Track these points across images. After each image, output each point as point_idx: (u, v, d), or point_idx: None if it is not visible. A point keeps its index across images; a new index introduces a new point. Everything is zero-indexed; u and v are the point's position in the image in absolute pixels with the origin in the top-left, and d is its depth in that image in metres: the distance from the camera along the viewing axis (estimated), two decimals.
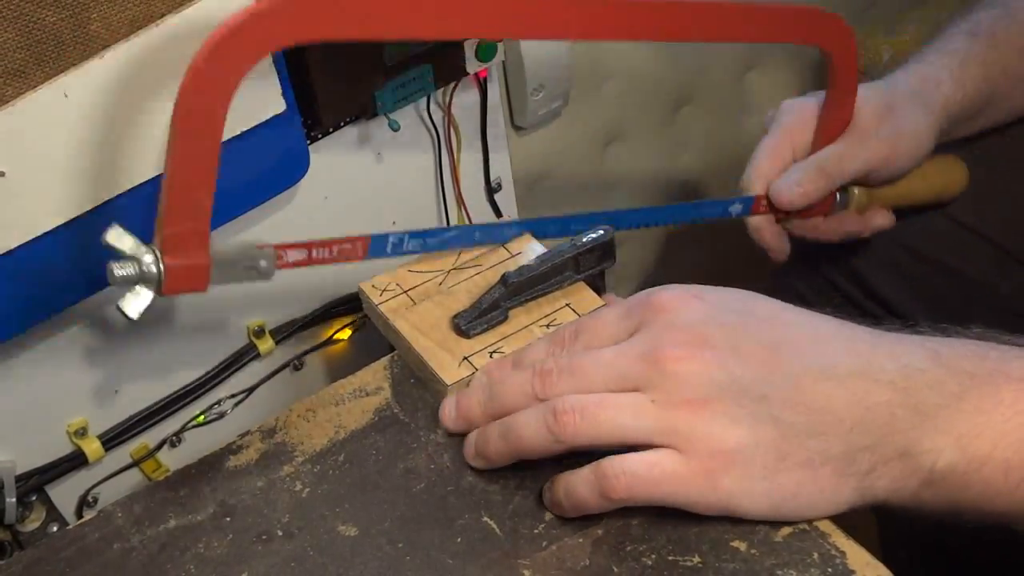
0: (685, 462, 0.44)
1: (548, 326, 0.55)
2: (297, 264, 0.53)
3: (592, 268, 0.57)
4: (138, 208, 0.58)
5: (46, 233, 0.55)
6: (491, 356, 0.54)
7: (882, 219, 0.72)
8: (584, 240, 0.57)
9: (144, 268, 0.47)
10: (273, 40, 0.45)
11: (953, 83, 0.69)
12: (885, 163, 0.67)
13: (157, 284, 0.47)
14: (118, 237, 0.48)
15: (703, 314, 0.47)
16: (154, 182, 0.58)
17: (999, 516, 0.43)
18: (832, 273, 0.80)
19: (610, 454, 0.46)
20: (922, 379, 0.44)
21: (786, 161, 0.68)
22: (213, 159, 0.46)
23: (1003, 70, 0.70)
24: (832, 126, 0.66)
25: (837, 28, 0.59)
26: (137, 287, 0.47)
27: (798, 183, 0.66)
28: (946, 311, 0.78)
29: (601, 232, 0.57)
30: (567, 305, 0.56)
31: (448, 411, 0.52)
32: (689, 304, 0.47)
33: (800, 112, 0.68)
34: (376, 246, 0.56)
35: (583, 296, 0.57)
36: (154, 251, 0.47)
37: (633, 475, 0.45)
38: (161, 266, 0.47)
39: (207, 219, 0.48)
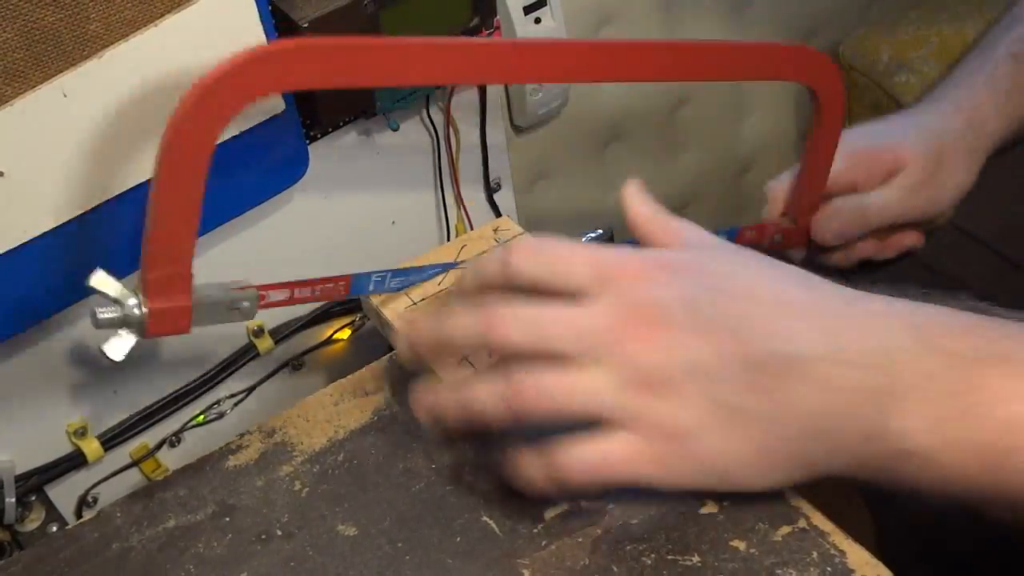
0: (640, 447, 0.44)
1: None
2: (279, 304, 0.53)
3: None
4: (137, 208, 0.58)
5: (45, 233, 0.55)
6: (489, 356, 0.54)
7: (911, 239, 0.71)
8: (583, 241, 0.57)
9: (127, 312, 0.48)
10: (256, 89, 0.45)
11: (999, 118, 0.67)
12: (924, 214, 0.67)
13: (140, 327, 0.48)
14: (101, 281, 0.48)
15: (671, 290, 0.45)
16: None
17: (969, 498, 0.42)
18: (834, 275, 0.80)
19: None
20: (896, 358, 0.42)
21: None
22: (196, 205, 0.46)
23: None
24: (816, 166, 0.64)
25: (824, 67, 0.58)
26: (121, 331, 0.48)
27: (838, 224, 0.65)
28: None
29: (600, 232, 0.57)
30: None
31: (401, 344, 0.50)
32: (658, 278, 0.45)
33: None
34: (358, 285, 0.56)
35: None
36: (137, 295, 0.48)
37: (587, 461, 0.44)
38: (144, 309, 0.47)
39: (189, 262, 0.48)
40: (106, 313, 0.47)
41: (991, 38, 0.71)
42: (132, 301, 0.48)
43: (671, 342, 0.44)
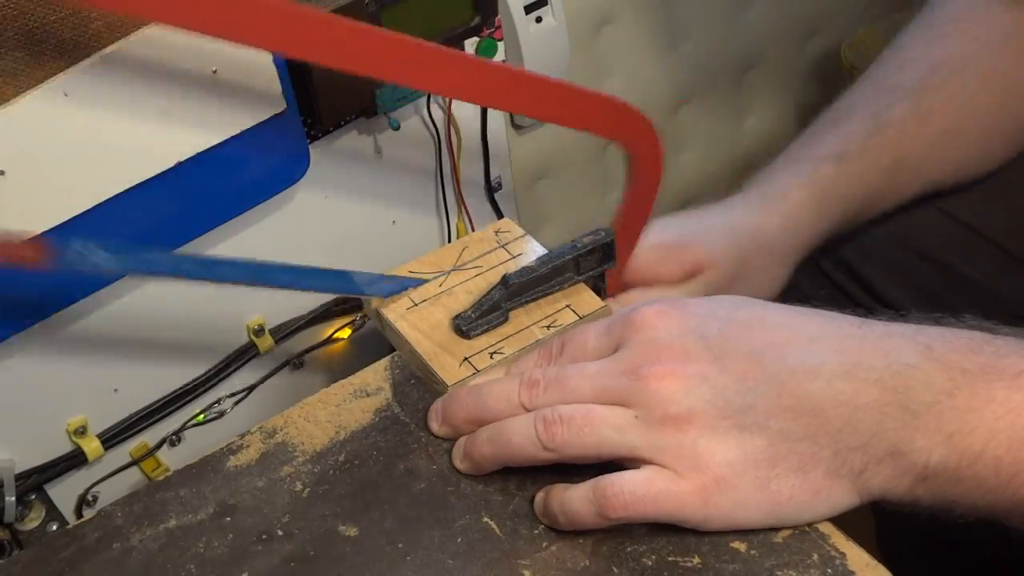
0: (677, 480, 0.44)
1: (549, 327, 0.55)
2: None
3: (593, 269, 0.57)
4: (137, 208, 0.58)
5: (45, 232, 0.55)
6: (491, 357, 0.54)
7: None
8: (585, 241, 0.57)
9: None
10: None
11: (818, 220, 0.65)
12: None
13: None
14: None
15: (683, 327, 0.46)
16: (152, 182, 0.58)
17: (991, 511, 0.43)
18: (829, 268, 0.80)
19: (606, 468, 0.46)
20: (912, 376, 0.43)
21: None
22: None
23: (866, 192, 0.66)
24: (629, 228, 0.59)
25: (643, 129, 0.55)
26: None
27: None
28: (945, 311, 0.77)
29: (602, 233, 0.57)
30: (568, 306, 0.56)
31: (435, 414, 0.53)
32: (669, 318, 0.47)
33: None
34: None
35: (583, 297, 0.57)
36: None
37: (631, 493, 0.45)
38: None
39: None
40: None
41: (816, 133, 0.68)
42: None
43: (690, 374, 0.45)
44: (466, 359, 0.54)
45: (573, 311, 0.56)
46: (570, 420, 0.46)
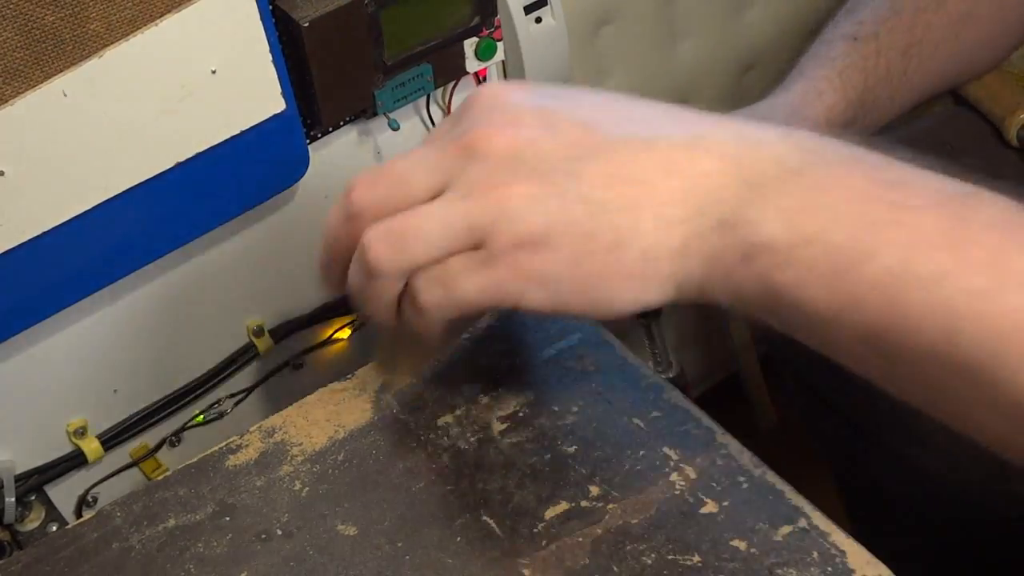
0: (489, 258, 0.41)
1: None
2: None
3: None
4: (137, 208, 0.58)
5: (45, 232, 0.55)
6: None
7: None
8: None
9: None
10: None
11: (834, 93, 0.65)
12: None
13: None
14: None
15: (520, 97, 0.43)
16: (152, 183, 0.58)
17: (812, 314, 0.38)
18: None
19: None
20: (760, 151, 0.40)
21: None
22: None
23: (886, 73, 0.67)
24: None
25: None
26: None
27: None
28: None
29: None
30: None
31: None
32: (504, 92, 0.44)
33: None
34: None
35: None
36: None
37: (430, 292, 0.43)
38: None
39: None
40: None
41: (830, 25, 0.70)
42: None
43: (517, 137, 0.42)
44: None
45: None
46: (391, 232, 0.43)
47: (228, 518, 0.51)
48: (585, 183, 0.41)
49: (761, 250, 0.38)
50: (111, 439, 0.67)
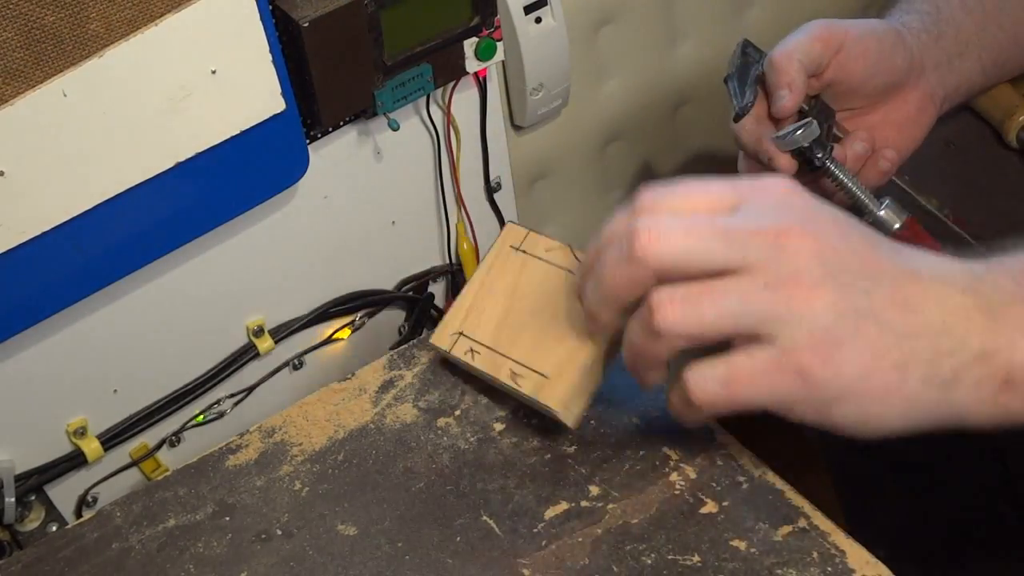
0: (776, 358, 0.42)
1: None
2: None
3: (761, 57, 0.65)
4: (137, 208, 0.58)
5: (45, 233, 0.55)
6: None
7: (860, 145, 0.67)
8: (735, 55, 0.64)
9: None
10: None
11: (904, 6, 0.67)
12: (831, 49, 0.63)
13: None
14: None
15: (810, 203, 0.45)
16: (152, 182, 0.58)
17: None
18: None
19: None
20: (985, 281, 0.43)
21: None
22: None
23: (959, 4, 0.67)
24: None
25: None
26: None
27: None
28: None
29: (739, 45, 0.64)
30: None
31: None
32: (797, 194, 0.45)
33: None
34: None
35: None
36: None
37: (713, 379, 0.43)
38: None
39: None
40: None
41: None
42: None
43: (824, 244, 0.43)
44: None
45: None
46: (687, 296, 0.43)
47: (228, 518, 0.51)
48: (876, 303, 0.43)
49: (1020, 372, 0.42)
50: (111, 439, 0.67)
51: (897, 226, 0.63)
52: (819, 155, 0.62)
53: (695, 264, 0.44)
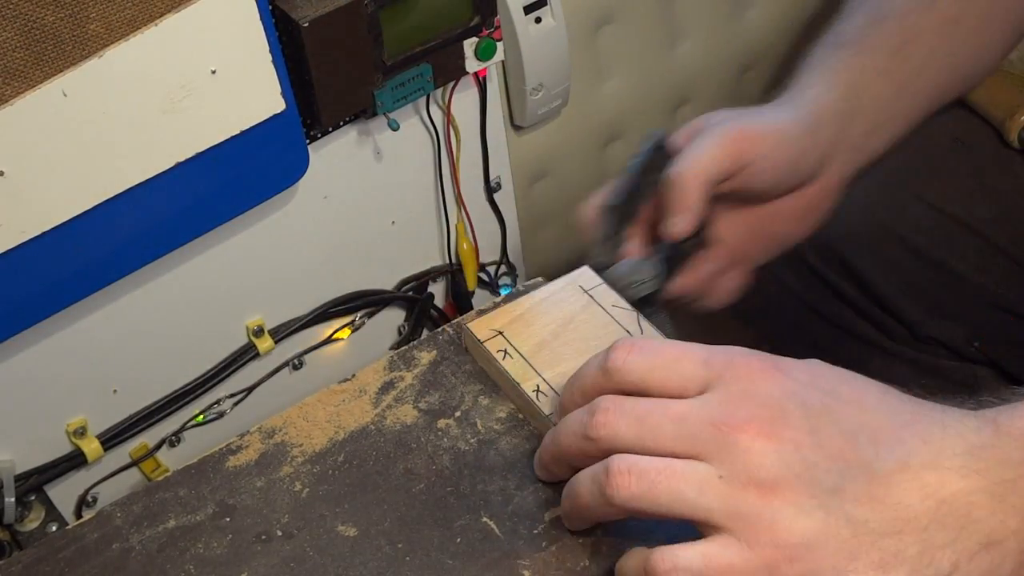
0: (745, 553, 0.41)
1: None
2: None
3: (668, 161, 0.58)
4: (136, 208, 0.58)
5: (45, 233, 0.55)
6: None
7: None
8: (644, 150, 0.58)
9: None
10: None
11: (823, 84, 0.63)
12: (739, 158, 0.59)
13: None
14: None
15: (785, 390, 0.43)
16: (152, 182, 0.58)
17: None
18: (819, 264, 0.80)
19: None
20: (990, 456, 0.41)
21: None
22: None
23: (882, 73, 0.64)
24: None
25: None
26: None
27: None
28: (933, 303, 0.78)
29: (652, 140, 0.58)
30: None
31: (537, 468, 0.50)
32: (772, 377, 0.43)
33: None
34: None
35: None
36: None
37: (686, 570, 0.41)
38: None
39: None
40: None
41: (817, 41, 0.67)
42: None
43: (784, 440, 0.41)
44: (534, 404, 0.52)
45: None
46: (641, 472, 0.42)
47: (228, 519, 0.51)
48: (848, 501, 0.41)
49: None
50: (111, 439, 0.67)
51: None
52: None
53: (649, 449, 0.43)
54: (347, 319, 0.74)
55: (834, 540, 0.40)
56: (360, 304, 0.75)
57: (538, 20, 0.76)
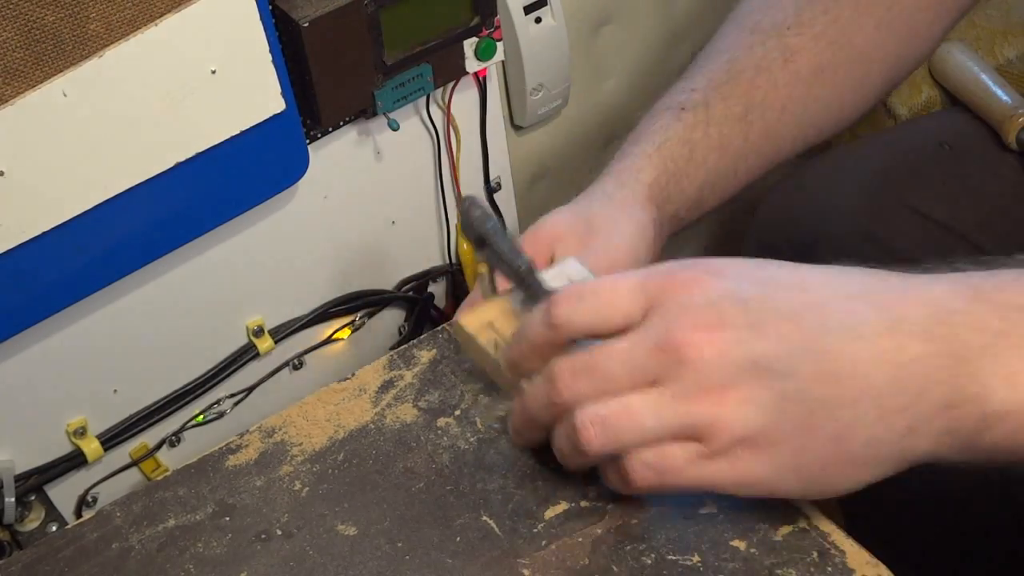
0: (707, 451, 0.43)
1: None
2: None
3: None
4: (136, 208, 0.58)
5: (45, 233, 0.55)
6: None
7: None
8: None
9: None
10: None
11: (653, 169, 0.60)
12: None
13: None
14: None
15: (720, 291, 0.43)
16: (152, 183, 0.58)
17: None
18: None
19: None
20: (960, 321, 0.40)
21: None
22: None
23: (719, 142, 0.61)
24: None
25: None
26: None
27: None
28: None
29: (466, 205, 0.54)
30: None
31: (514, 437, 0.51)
32: (705, 283, 0.43)
33: None
34: None
35: None
36: None
37: (651, 468, 0.43)
38: None
39: None
40: None
41: (666, 93, 0.65)
42: None
43: (726, 341, 0.42)
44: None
45: None
46: (604, 421, 0.44)
47: (228, 518, 0.51)
48: (800, 380, 0.41)
49: (996, 420, 0.40)
50: (111, 439, 0.67)
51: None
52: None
53: (610, 394, 0.44)
54: (347, 319, 0.74)
55: (790, 422, 0.41)
56: (360, 304, 0.75)
57: (538, 20, 0.76)
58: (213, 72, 0.57)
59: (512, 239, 0.51)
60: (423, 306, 0.78)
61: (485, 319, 0.55)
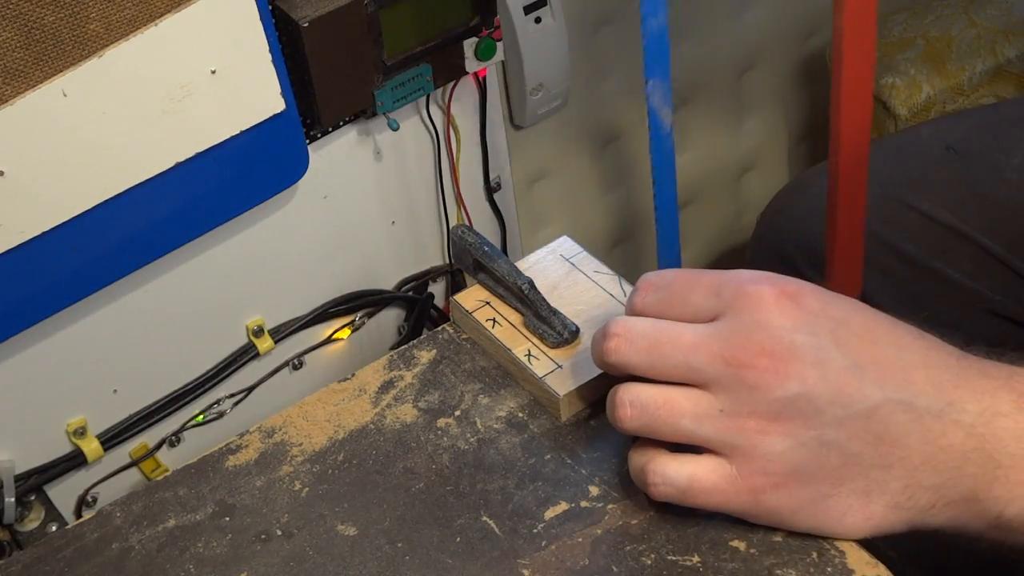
0: (733, 477, 0.43)
1: None
2: None
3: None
4: (136, 208, 0.58)
5: (45, 233, 0.55)
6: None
7: None
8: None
9: None
10: None
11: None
12: None
13: None
14: None
15: (795, 320, 0.43)
16: (152, 182, 0.58)
17: None
18: (810, 272, 0.80)
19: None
20: (1002, 425, 0.41)
21: None
22: None
23: None
24: None
25: None
26: None
27: None
28: (925, 310, 0.78)
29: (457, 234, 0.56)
30: None
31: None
32: (784, 307, 0.43)
33: None
34: None
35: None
36: None
37: (673, 485, 0.44)
38: None
39: None
40: None
41: None
42: None
43: (789, 375, 0.42)
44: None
45: None
46: (644, 406, 0.44)
47: (228, 518, 0.51)
48: (844, 432, 0.42)
49: (1008, 524, 0.41)
50: (111, 439, 0.67)
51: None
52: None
53: (659, 374, 0.44)
54: (347, 319, 0.74)
55: (823, 469, 0.42)
56: (360, 304, 0.75)
57: (538, 20, 0.76)
58: (213, 72, 0.57)
59: (508, 260, 0.52)
60: (423, 306, 0.78)
61: (481, 297, 0.56)
